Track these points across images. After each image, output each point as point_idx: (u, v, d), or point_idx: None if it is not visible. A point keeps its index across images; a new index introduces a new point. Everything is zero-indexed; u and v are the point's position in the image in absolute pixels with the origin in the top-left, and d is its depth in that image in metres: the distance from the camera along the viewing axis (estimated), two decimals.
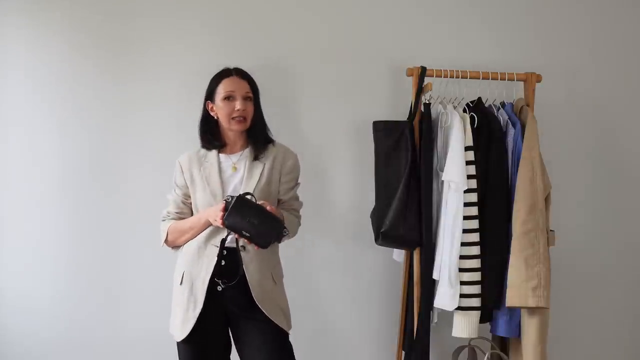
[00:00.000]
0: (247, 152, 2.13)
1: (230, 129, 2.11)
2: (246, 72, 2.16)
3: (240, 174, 2.09)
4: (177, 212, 2.14)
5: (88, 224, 2.61)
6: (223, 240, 1.98)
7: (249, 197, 1.95)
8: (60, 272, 2.61)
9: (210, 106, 2.14)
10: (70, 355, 2.61)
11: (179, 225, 2.11)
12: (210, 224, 2.02)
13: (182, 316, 2.03)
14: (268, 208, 1.93)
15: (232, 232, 1.94)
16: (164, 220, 2.16)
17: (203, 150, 2.16)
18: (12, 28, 2.57)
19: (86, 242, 2.61)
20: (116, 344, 2.62)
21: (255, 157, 2.11)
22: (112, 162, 2.61)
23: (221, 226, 1.93)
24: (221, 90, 2.10)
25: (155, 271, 2.58)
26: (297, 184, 2.20)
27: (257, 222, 1.90)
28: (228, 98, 2.08)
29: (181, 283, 2.06)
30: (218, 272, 2.00)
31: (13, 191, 2.59)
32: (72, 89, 2.59)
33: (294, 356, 2.08)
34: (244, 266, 2.00)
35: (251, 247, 2.00)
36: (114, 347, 2.62)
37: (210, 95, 2.14)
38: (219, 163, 2.11)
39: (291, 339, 2.11)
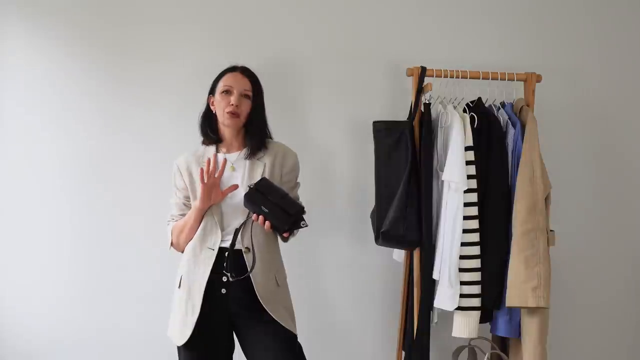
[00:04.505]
0: (245, 152, 2.13)
1: (224, 124, 2.11)
2: (252, 72, 2.16)
3: (240, 174, 2.09)
4: (180, 215, 2.14)
5: (88, 226, 2.61)
6: (237, 231, 1.99)
7: None
8: (60, 272, 2.61)
9: (211, 100, 2.15)
10: (69, 356, 2.61)
11: (178, 224, 2.11)
12: (201, 213, 2.03)
13: (181, 320, 2.02)
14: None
15: (249, 207, 1.97)
16: (168, 224, 2.16)
17: (201, 150, 2.16)
18: (12, 28, 2.57)
19: (86, 244, 2.61)
20: (116, 345, 2.62)
21: (252, 156, 2.10)
22: (112, 164, 2.61)
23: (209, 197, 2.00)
24: (221, 84, 2.11)
25: (155, 272, 2.58)
26: (297, 184, 2.20)
27: (277, 201, 1.93)
28: (225, 92, 2.09)
29: (179, 287, 2.06)
30: (225, 269, 1.99)
31: (13, 192, 2.59)
32: (73, 90, 2.59)
33: (304, 357, 2.07)
34: (248, 268, 1.99)
35: (256, 249, 2.00)
36: (114, 349, 2.62)
37: (212, 89, 2.15)
38: (217, 163, 2.11)
39: None
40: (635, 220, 2.88)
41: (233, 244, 1.98)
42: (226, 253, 2.00)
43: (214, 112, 2.14)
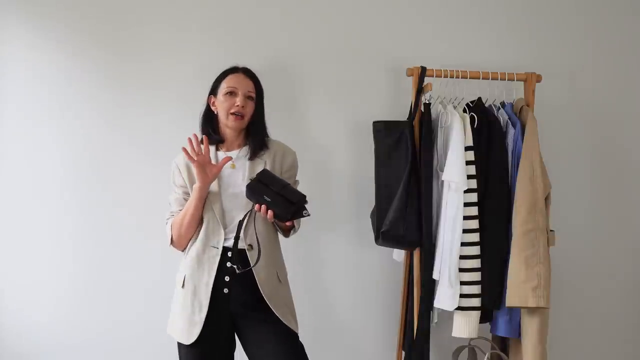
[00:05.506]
0: (245, 150, 2.13)
1: (227, 125, 2.11)
2: (253, 73, 2.17)
3: (240, 172, 2.09)
4: (179, 210, 2.12)
5: (88, 226, 2.61)
6: (240, 222, 1.99)
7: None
8: (60, 273, 2.60)
9: (212, 100, 2.15)
10: (69, 355, 2.61)
11: (177, 217, 2.09)
12: (201, 194, 2.02)
13: (187, 320, 2.01)
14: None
15: (251, 198, 1.97)
16: (167, 223, 2.15)
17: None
18: (13, 30, 2.57)
19: (86, 244, 2.61)
20: (116, 345, 2.62)
21: (254, 156, 2.11)
22: (112, 164, 2.60)
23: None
24: (224, 85, 2.11)
25: (156, 272, 2.58)
26: (296, 181, 2.21)
27: (279, 190, 1.95)
28: (230, 93, 2.10)
29: (183, 286, 2.06)
30: (231, 261, 1.99)
31: (13, 193, 2.58)
32: (73, 91, 2.59)
33: (306, 356, 2.07)
34: (251, 265, 2.00)
35: (259, 244, 2.00)
36: (114, 348, 2.62)
37: (214, 90, 2.15)
38: (217, 161, 2.11)
39: None
40: (635, 220, 2.88)
41: (237, 236, 1.99)
42: (228, 252, 2.00)
43: (215, 112, 2.14)
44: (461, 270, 2.32)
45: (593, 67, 2.83)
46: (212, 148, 2.13)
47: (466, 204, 2.33)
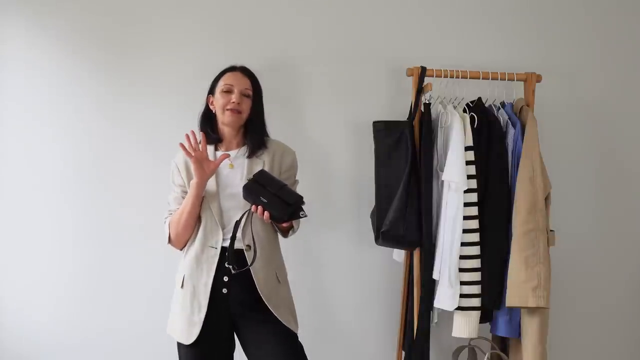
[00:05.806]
0: (244, 149, 2.13)
1: (224, 122, 2.11)
2: (251, 71, 2.18)
3: (238, 171, 2.09)
4: (178, 209, 2.12)
5: (89, 225, 2.61)
6: (237, 223, 1.99)
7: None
8: (61, 273, 2.60)
9: (210, 100, 2.16)
10: (70, 356, 2.61)
11: (174, 215, 2.09)
12: (199, 190, 2.01)
13: (186, 320, 2.02)
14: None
15: (248, 198, 1.97)
16: (165, 222, 2.15)
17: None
18: (12, 29, 2.57)
19: (87, 244, 2.61)
20: (117, 345, 2.62)
21: (252, 155, 2.11)
22: (113, 163, 2.60)
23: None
24: (221, 84, 2.12)
25: (156, 272, 2.58)
26: (296, 181, 2.20)
27: (276, 192, 1.94)
28: (226, 91, 2.10)
29: (182, 286, 2.06)
30: (227, 262, 1.98)
31: (13, 191, 2.59)
32: (72, 89, 2.59)
33: (306, 356, 2.07)
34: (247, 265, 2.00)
35: (257, 244, 2.00)
36: (114, 348, 2.62)
37: (212, 89, 2.16)
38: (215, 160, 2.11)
39: None
40: (635, 220, 2.88)
41: (234, 236, 1.99)
42: (226, 252, 2.00)
43: (213, 111, 2.15)
44: (461, 270, 2.32)
45: (593, 67, 2.83)
46: (211, 148, 2.13)
47: (466, 204, 2.33)
